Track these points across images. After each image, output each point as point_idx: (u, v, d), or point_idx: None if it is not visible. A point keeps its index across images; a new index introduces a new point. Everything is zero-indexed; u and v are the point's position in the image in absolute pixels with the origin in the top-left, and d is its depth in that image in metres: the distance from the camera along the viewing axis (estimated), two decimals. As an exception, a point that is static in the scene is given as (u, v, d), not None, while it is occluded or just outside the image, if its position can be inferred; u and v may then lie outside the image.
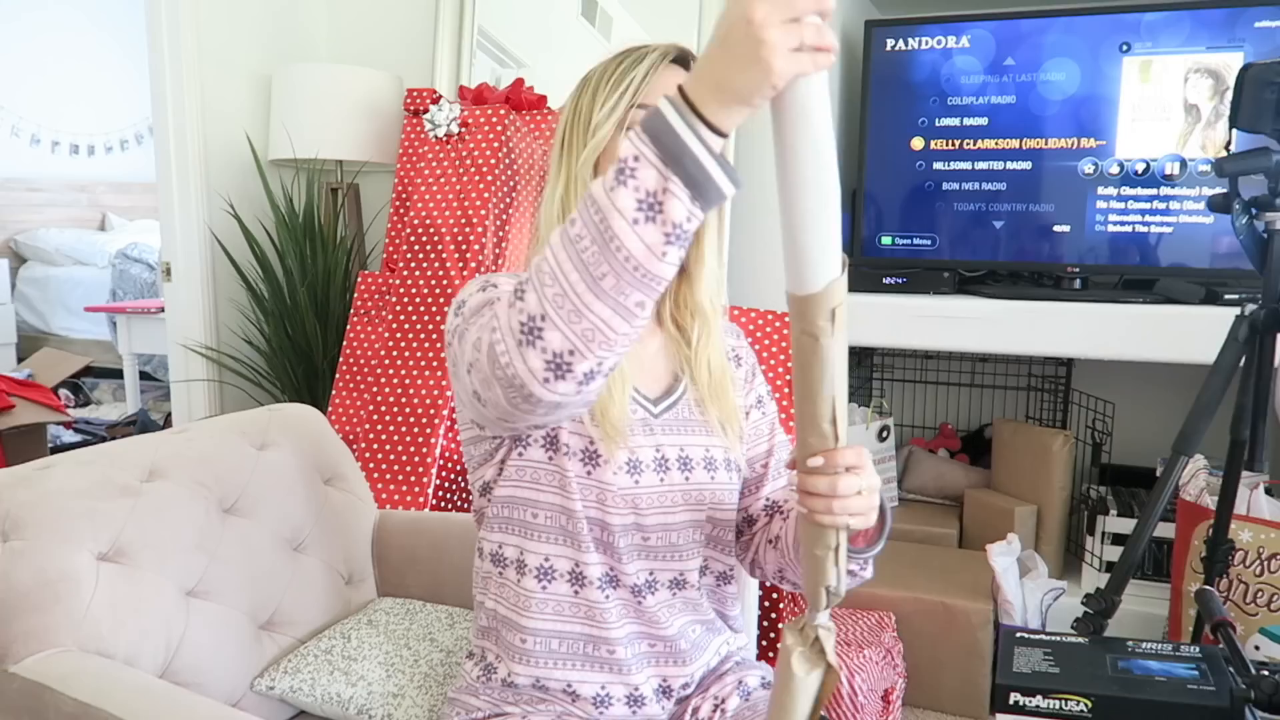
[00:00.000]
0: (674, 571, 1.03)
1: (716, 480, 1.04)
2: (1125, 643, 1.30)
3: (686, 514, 1.03)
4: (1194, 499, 1.89)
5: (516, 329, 0.75)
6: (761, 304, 2.22)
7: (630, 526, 0.99)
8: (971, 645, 1.99)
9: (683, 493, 1.02)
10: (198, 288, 2.50)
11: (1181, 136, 2.08)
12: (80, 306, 4.70)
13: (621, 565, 1.00)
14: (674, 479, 1.01)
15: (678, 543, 1.02)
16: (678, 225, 0.70)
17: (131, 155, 5.75)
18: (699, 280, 1.04)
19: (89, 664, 0.99)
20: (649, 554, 1.01)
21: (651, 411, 1.03)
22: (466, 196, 2.15)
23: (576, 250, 0.72)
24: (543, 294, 0.73)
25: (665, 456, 1.01)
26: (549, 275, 0.73)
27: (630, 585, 1.00)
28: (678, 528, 1.02)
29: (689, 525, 1.03)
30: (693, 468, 1.03)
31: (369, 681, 1.19)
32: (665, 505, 1.01)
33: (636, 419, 1.01)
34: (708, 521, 1.05)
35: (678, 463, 1.02)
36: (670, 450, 1.02)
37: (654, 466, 1.00)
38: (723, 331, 1.10)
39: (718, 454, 1.05)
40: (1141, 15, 2.08)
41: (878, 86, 2.28)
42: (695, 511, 1.03)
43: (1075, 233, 2.17)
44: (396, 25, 2.65)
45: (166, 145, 2.45)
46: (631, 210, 0.69)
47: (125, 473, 1.15)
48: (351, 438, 2.12)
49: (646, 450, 1.00)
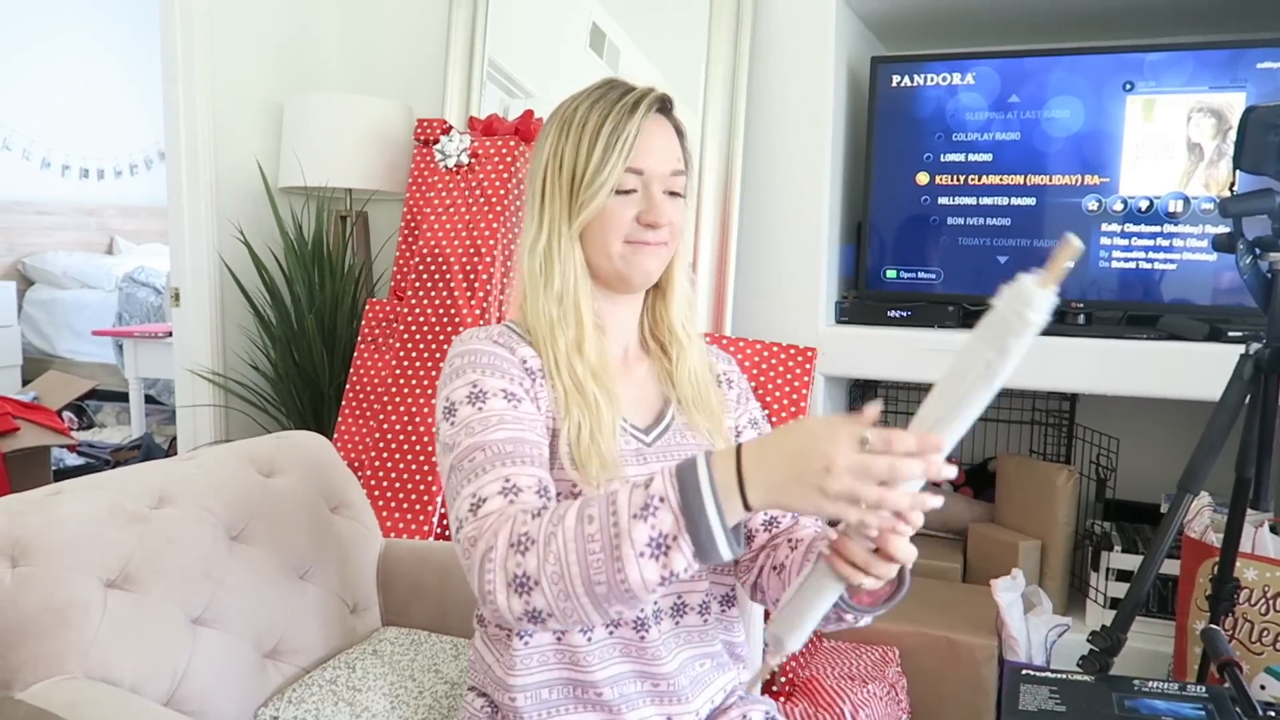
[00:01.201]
0: (673, 596, 1.03)
1: None
2: (1132, 681, 1.30)
3: None
4: (1199, 536, 1.88)
5: (510, 576, 0.83)
6: (767, 336, 2.23)
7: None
8: (975, 681, 1.98)
9: None
10: (206, 313, 2.51)
11: (1185, 175, 2.10)
12: (87, 329, 4.72)
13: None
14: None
15: None
16: (674, 572, 0.78)
17: (140, 180, 5.80)
18: (672, 299, 1.09)
19: (96, 691, 0.99)
20: None
21: (644, 441, 1.04)
22: (475, 226, 2.16)
23: (585, 549, 0.80)
24: (543, 565, 0.81)
25: None
26: (554, 555, 0.81)
27: (631, 620, 1.00)
28: None
29: None
30: None
31: (373, 713, 1.18)
32: None
33: (630, 450, 1.02)
34: None
35: None
36: None
37: None
38: (701, 349, 1.12)
39: None
40: (1145, 55, 2.10)
41: (883, 121, 2.30)
42: None
43: (1079, 269, 2.18)
44: (407, 55, 2.69)
45: (178, 171, 2.47)
46: (642, 544, 0.78)
47: (135, 499, 1.16)
48: (357, 465, 2.12)
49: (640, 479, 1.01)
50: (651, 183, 1.01)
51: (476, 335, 1.02)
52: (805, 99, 2.25)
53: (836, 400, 2.44)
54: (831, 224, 2.30)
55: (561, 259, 1.01)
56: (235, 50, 2.54)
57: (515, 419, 0.95)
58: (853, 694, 1.79)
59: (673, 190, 1.03)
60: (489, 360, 0.98)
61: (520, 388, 0.98)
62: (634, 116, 0.99)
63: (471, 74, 2.50)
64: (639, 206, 1.00)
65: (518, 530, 0.84)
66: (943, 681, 2.01)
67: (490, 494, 0.89)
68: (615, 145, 0.98)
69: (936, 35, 2.53)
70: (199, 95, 2.45)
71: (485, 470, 0.91)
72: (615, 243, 1.01)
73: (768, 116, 2.30)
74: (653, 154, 1.00)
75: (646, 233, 1.01)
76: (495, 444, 0.92)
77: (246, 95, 2.59)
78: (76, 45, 5.37)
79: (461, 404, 0.96)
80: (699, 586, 1.05)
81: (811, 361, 2.10)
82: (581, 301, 1.01)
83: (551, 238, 1.01)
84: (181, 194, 2.48)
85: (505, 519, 0.86)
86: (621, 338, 1.09)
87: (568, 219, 1.01)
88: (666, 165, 1.02)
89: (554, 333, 1.00)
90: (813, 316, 2.26)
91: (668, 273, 1.08)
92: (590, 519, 0.80)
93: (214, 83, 2.49)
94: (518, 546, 0.83)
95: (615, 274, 1.03)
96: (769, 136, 2.30)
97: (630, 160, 0.99)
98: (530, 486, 0.91)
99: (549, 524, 0.82)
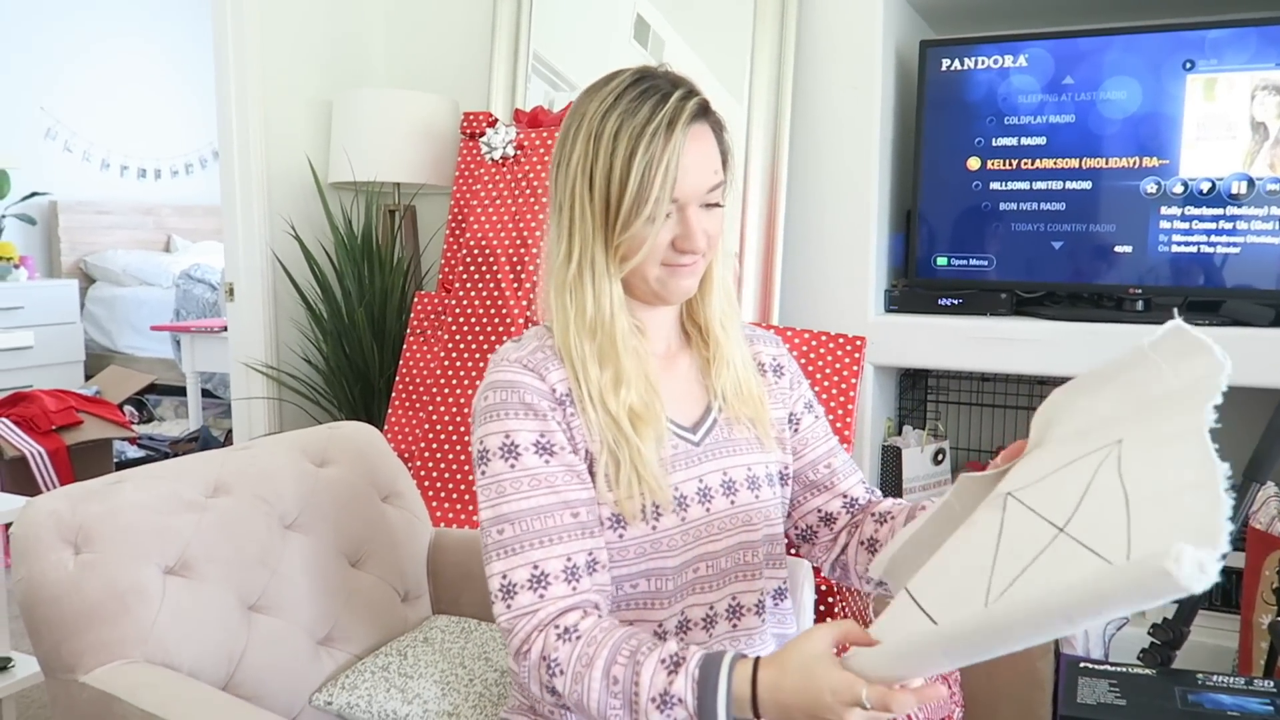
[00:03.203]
0: (728, 598, 1.02)
1: (761, 498, 1.04)
2: (1195, 675, 1.26)
3: (738, 537, 1.02)
4: (1265, 527, 1.83)
5: (541, 683, 0.90)
6: (816, 325, 2.21)
7: (680, 567, 0.99)
8: (1031, 675, 1.94)
9: (729, 517, 1.02)
10: (259, 307, 2.56)
11: (1248, 155, 2.03)
12: (146, 325, 4.84)
13: (667, 610, 0.99)
14: (719, 506, 1.01)
15: (727, 568, 1.02)
16: None
17: (195, 179, 5.92)
18: (710, 297, 1.05)
19: (156, 676, 1.01)
20: (700, 587, 1.01)
21: (692, 440, 1.03)
22: (522, 218, 2.17)
23: (608, 704, 0.86)
24: (570, 692, 0.87)
25: (708, 486, 1.01)
26: (578, 695, 0.87)
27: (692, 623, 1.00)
28: (729, 553, 1.02)
29: (740, 548, 1.02)
30: (737, 490, 1.03)
31: (424, 700, 1.20)
32: (712, 534, 1.01)
33: (679, 454, 1.01)
34: (762, 541, 1.04)
35: (721, 488, 1.02)
36: (713, 478, 1.02)
37: (698, 499, 1.00)
38: (740, 342, 1.08)
39: (759, 470, 1.05)
40: (1205, 32, 2.04)
41: (933, 107, 2.26)
42: (748, 533, 1.03)
43: (1137, 253, 2.12)
44: (453, 50, 2.70)
45: (231, 169, 2.52)
46: None
47: (191, 488, 1.18)
48: (407, 456, 2.14)
49: (690, 484, 1.00)
50: (688, 205, 0.95)
51: (509, 357, 0.99)
52: (853, 86, 2.22)
53: (886, 390, 2.41)
54: (880, 212, 2.26)
55: (596, 289, 0.96)
56: (285, 50, 2.58)
57: (548, 479, 0.94)
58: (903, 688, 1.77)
59: (713, 203, 0.98)
60: (520, 398, 0.95)
61: (554, 424, 0.96)
62: (671, 139, 0.91)
63: (516, 67, 2.50)
64: (675, 231, 0.96)
65: (549, 652, 0.88)
66: (997, 676, 1.97)
67: (519, 581, 0.91)
68: (656, 176, 0.91)
69: (987, 17, 2.48)
70: (250, 95, 2.49)
71: (513, 551, 0.92)
72: (651, 268, 0.97)
73: (814, 104, 2.27)
74: (691, 173, 0.94)
75: (683, 256, 0.97)
76: (524, 518, 0.92)
77: (296, 94, 2.63)
78: (134, 50, 5.50)
79: (494, 456, 0.95)
80: (754, 585, 1.04)
81: (860, 351, 2.08)
82: (618, 336, 0.97)
83: (583, 265, 0.96)
84: (235, 192, 2.52)
85: (538, 629, 0.90)
86: (663, 334, 1.06)
87: (603, 248, 0.95)
88: (705, 181, 0.96)
89: (587, 367, 0.96)
90: (862, 305, 2.24)
91: (706, 271, 1.03)
92: (615, 680, 0.85)
93: (264, 82, 2.53)
94: (549, 667, 0.88)
95: (651, 293, 1.00)
96: (816, 124, 2.27)
97: (673, 191, 0.93)
98: (558, 574, 0.92)
99: (578, 663, 0.87)
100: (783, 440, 1.10)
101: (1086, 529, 0.64)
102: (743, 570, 1.03)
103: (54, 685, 1.04)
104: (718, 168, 0.98)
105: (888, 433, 2.43)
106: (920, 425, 2.53)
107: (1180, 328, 0.72)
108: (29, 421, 3.10)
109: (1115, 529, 0.61)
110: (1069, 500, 0.67)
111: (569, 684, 0.87)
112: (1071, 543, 0.64)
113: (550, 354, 0.99)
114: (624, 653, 0.86)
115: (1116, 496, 0.64)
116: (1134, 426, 0.70)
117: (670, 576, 0.98)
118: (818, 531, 1.13)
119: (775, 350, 1.16)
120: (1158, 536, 0.58)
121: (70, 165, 5.25)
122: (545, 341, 1.00)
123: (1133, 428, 0.70)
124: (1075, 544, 0.63)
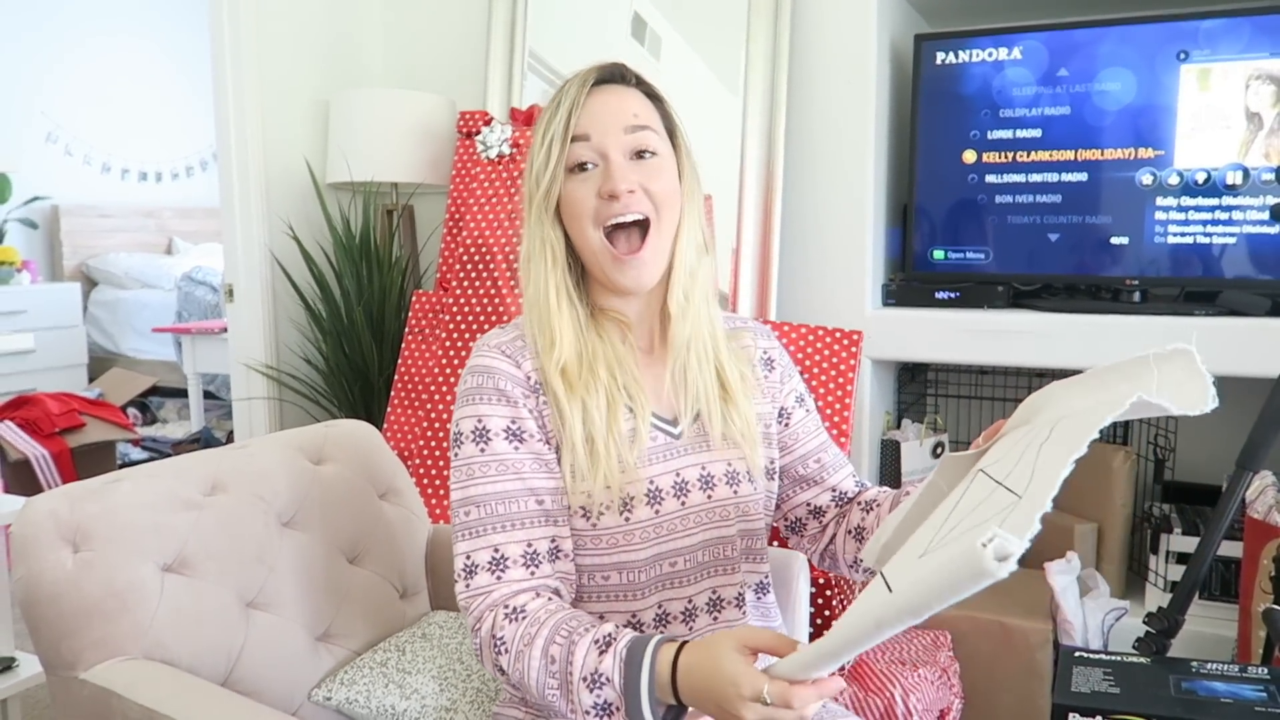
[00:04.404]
0: (708, 592, 1.03)
1: (740, 493, 1.04)
2: (1189, 663, 1.27)
3: (713, 532, 1.02)
4: (1262, 516, 1.83)
5: (491, 661, 0.92)
6: (813, 319, 2.21)
7: (651, 560, 0.99)
8: (1030, 665, 1.95)
9: (705, 512, 1.02)
10: (259, 308, 2.57)
11: (1243, 145, 2.03)
12: (148, 328, 4.85)
13: (642, 602, 1.00)
14: (695, 500, 1.01)
15: (704, 561, 1.02)
16: None
17: (196, 181, 5.93)
18: (673, 279, 1.02)
19: (154, 672, 1.02)
20: (676, 581, 1.01)
21: (673, 434, 1.03)
22: (519, 215, 2.18)
23: (545, 683, 0.88)
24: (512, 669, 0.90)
25: (685, 480, 1.01)
26: (520, 672, 0.89)
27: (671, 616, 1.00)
28: (704, 547, 1.02)
29: (717, 543, 1.02)
30: (715, 485, 1.02)
31: (422, 695, 1.20)
32: (687, 528, 1.01)
33: (658, 446, 1.01)
34: (738, 536, 1.04)
35: (699, 482, 1.02)
36: (690, 472, 1.02)
37: (673, 492, 1.00)
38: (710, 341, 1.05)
39: (739, 466, 1.04)
40: (1199, 22, 2.04)
41: (927, 100, 2.26)
42: (722, 528, 1.03)
43: (1134, 245, 2.13)
44: (449, 49, 2.71)
45: (230, 171, 2.53)
46: (588, 704, 0.86)
47: (189, 487, 1.19)
48: (406, 454, 2.15)
49: (666, 477, 1.00)
50: (609, 150, 0.96)
51: (490, 343, 1.01)
52: (848, 80, 2.23)
53: (884, 384, 2.41)
54: (877, 205, 2.27)
55: (534, 270, 0.99)
56: (282, 51, 2.59)
57: (515, 465, 0.96)
58: (903, 678, 1.77)
59: (640, 150, 0.98)
60: (495, 384, 0.97)
61: (526, 411, 0.97)
62: (576, 89, 0.97)
63: (512, 65, 2.51)
64: (599, 182, 0.96)
65: (497, 630, 0.91)
66: (996, 666, 1.98)
67: (480, 563, 0.94)
68: (557, 117, 0.96)
69: (980, 10, 2.48)
70: (248, 97, 2.50)
71: (476, 533, 0.95)
72: (588, 230, 0.97)
73: (810, 99, 2.27)
74: (597, 115, 0.96)
75: (612, 204, 0.95)
76: (489, 500, 0.95)
77: (294, 95, 2.64)
78: (134, 54, 5.51)
79: (466, 440, 0.97)
80: (733, 579, 1.04)
81: (858, 345, 2.08)
82: (552, 315, 0.98)
83: (531, 248, 1.00)
84: (233, 194, 2.53)
85: (490, 609, 0.92)
86: (645, 328, 1.05)
87: (541, 221, 0.98)
88: (619, 121, 0.97)
89: (538, 349, 0.99)
90: (859, 299, 2.24)
91: (673, 249, 1.01)
92: (553, 660, 0.88)
93: (262, 84, 2.53)
94: (496, 645, 0.91)
95: (609, 281, 0.99)
96: (812, 119, 2.27)
97: (574, 128, 0.96)
98: (517, 557, 0.94)
99: (520, 641, 0.90)
100: (769, 436, 1.10)
101: (1014, 477, 0.69)
102: (720, 564, 1.03)
103: (54, 682, 1.05)
104: (638, 111, 0.99)
105: (886, 427, 2.44)
106: (919, 419, 2.53)
107: (1190, 354, 0.75)
108: (32, 424, 3.11)
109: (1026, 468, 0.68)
110: (1014, 464, 0.72)
111: (512, 662, 0.90)
112: (1002, 490, 0.69)
113: (529, 340, 1.00)
114: (562, 633, 0.88)
115: (1038, 443, 0.71)
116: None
117: (640, 569, 0.99)
118: (806, 523, 1.13)
119: (766, 343, 1.15)
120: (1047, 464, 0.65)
121: (71, 169, 5.27)
122: (526, 328, 1.02)
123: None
124: (1004, 490, 0.68)
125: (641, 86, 1.02)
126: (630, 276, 0.98)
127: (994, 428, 0.89)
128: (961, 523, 0.69)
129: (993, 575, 0.59)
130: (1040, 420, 0.80)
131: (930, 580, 0.63)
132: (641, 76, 1.03)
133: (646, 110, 1.00)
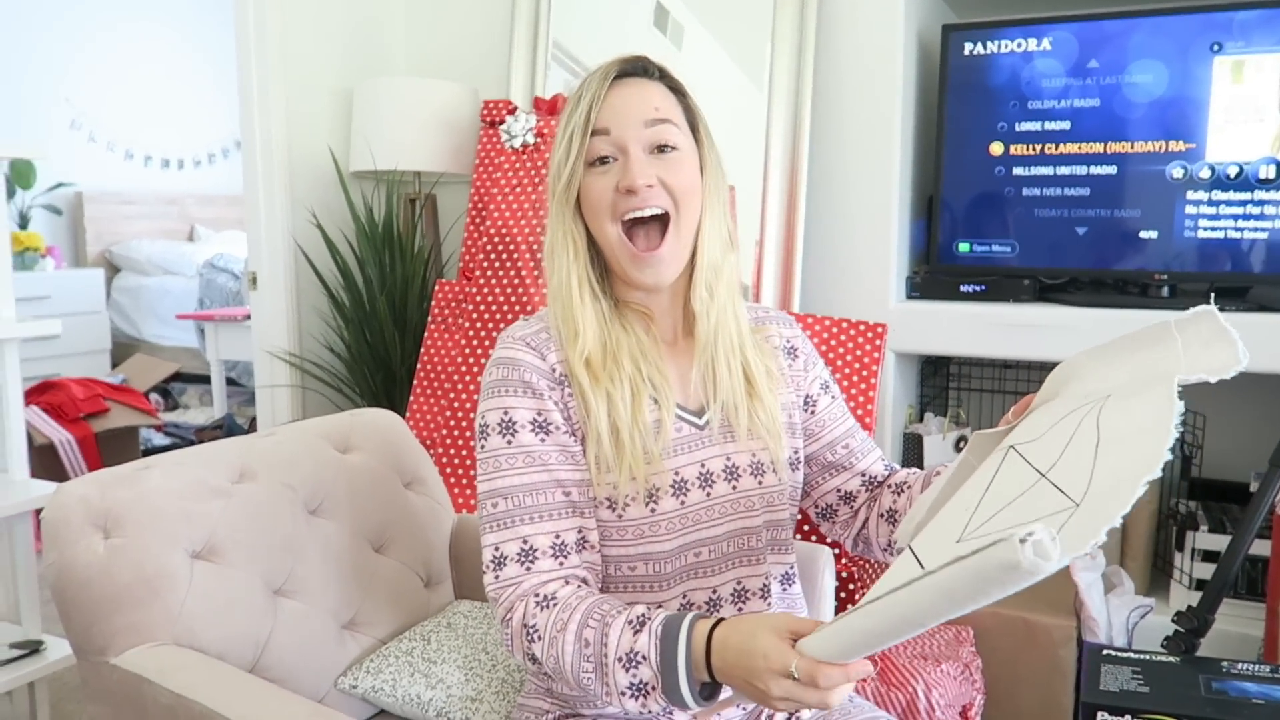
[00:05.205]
0: (732, 583, 1.02)
1: (765, 484, 1.04)
2: (1219, 663, 1.26)
3: (739, 522, 1.02)
4: (1292, 515, 1.81)
5: (523, 650, 0.92)
6: (837, 312, 2.20)
7: (676, 550, 0.99)
8: (1053, 662, 1.94)
9: (731, 503, 1.01)
10: (282, 296, 2.57)
11: (1277, 139, 2.00)
12: (170, 314, 4.89)
13: (667, 593, 1.00)
14: (720, 491, 1.01)
15: (729, 552, 1.02)
16: (651, 711, 0.87)
17: (218, 168, 5.96)
18: (696, 274, 1.01)
19: (184, 658, 1.03)
20: (701, 571, 1.01)
21: (698, 425, 1.02)
22: (542, 205, 2.17)
23: (580, 667, 0.88)
24: (547, 657, 0.90)
25: (710, 470, 1.01)
26: (554, 658, 0.89)
27: (696, 606, 1.00)
28: (729, 537, 1.02)
29: (742, 533, 1.02)
30: (740, 475, 1.02)
31: (448, 685, 1.21)
32: (712, 519, 1.01)
33: (683, 437, 1.01)
34: (764, 526, 1.04)
35: (724, 473, 1.01)
36: (715, 462, 1.01)
37: (699, 483, 1.00)
38: (736, 336, 1.04)
39: (764, 456, 1.04)
40: (1234, 13, 2.01)
41: (955, 91, 2.24)
42: (748, 518, 1.03)
43: (1163, 239, 2.10)
44: (472, 38, 2.70)
45: (254, 159, 2.53)
46: (624, 685, 0.86)
47: (218, 474, 1.20)
48: (429, 444, 2.15)
49: (691, 468, 1.00)
50: (628, 144, 0.96)
51: (515, 335, 1.01)
52: (874, 71, 2.21)
53: (908, 377, 2.40)
54: (902, 198, 2.25)
55: (557, 260, 1.00)
56: (305, 39, 2.59)
57: (542, 457, 0.96)
58: (925, 673, 1.77)
59: (660, 144, 0.98)
60: (521, 376, 0.97)
61: (552, 403, 0.97)
62: (598, 82, 0.97)
63: (536, 55, 2.50)
64: (619, 176, 0.97)
65: (529, 619, 0.91)
66: (1018, 662, 1.97)
67: (509, 555, 0.94)
68: (578, 110, 0.96)
69: (1010, 0, 2.45)
70: (272, 85, 2.50)
71: (505, 525, 0.95)
72: (606, 224, 0.97)
73: (835, 90, 2.25)
74: (618, 109, 0.97)
75: (631, 199, 0.95)
76: (516, 493, 0.95)
77: (317, 83, 2.64)
78: (157, 41, 5.54)
79: (493, 431, 0.97)
80: (758, 570, 1.04)
81: (882, 338, 2.07)
82: (575, 307, 0.98)
83: (553, 238, 1.00)
84: (257, 181, 2.54)
85: (520, 599, 0.92)
86: (669, 321, 1.05)
87: (563, 214, 0.99)
88: (639, 115, 0.97)
89: (562, 340, 0.99)
90: (883, 292, 2.23)
91: (696, 244, 1.01)
92: (587, 643, 0.88)
93: (286, 72, 2.54)
94: (528, 633, 0.91)
95: (628, 277, 0.99)
96: (837, 110, 2.25)
97: (594, 121, 0.96)
98: (546, 549, 0.94)
99: (553, 628, 0.90)
100: (793, 426, 1.10)
101: (1063, 474, 0.66)
102: (745, 555, 1.03)
103: (85, 667, 1.06)
104: (659, 105, 0.99)
105: (909, 420, 2.42)
106: (942, 412, 2.51)
107: (1211, 313, 0.72)
108: (57, 409, 3.14)
109: (1082, 471, 0.64)
110: (1056, 450, 0.70)
111: (545, 649, 0.90)
112: (1049, 486, 0.66)
113: (554, 333, 1.01)
114: (595, 616, 0.88)
115: (1090, 441, 0.68)
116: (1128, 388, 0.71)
117: (666, 560, 0.99)
118: (837, 509, 1.13)
119: (789, 331, 1.14)
120: (1111, 474, 0.61)
121: (95, 156, 5.30)
122: (550, 321, 1.02)
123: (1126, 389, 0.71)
124: (1051, 487, 0.65)
125: (664, 80, 1.02)
126: (649, 273, 0.98)
127: (1023, 403, 0.89)
128: (1000, 513, 0.67)
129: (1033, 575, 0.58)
130: (1069, 392, 0.79)
131: (968, 566, 0.60)
132: (665, 69, 1.03)
133: (668, 103, 1.00)
